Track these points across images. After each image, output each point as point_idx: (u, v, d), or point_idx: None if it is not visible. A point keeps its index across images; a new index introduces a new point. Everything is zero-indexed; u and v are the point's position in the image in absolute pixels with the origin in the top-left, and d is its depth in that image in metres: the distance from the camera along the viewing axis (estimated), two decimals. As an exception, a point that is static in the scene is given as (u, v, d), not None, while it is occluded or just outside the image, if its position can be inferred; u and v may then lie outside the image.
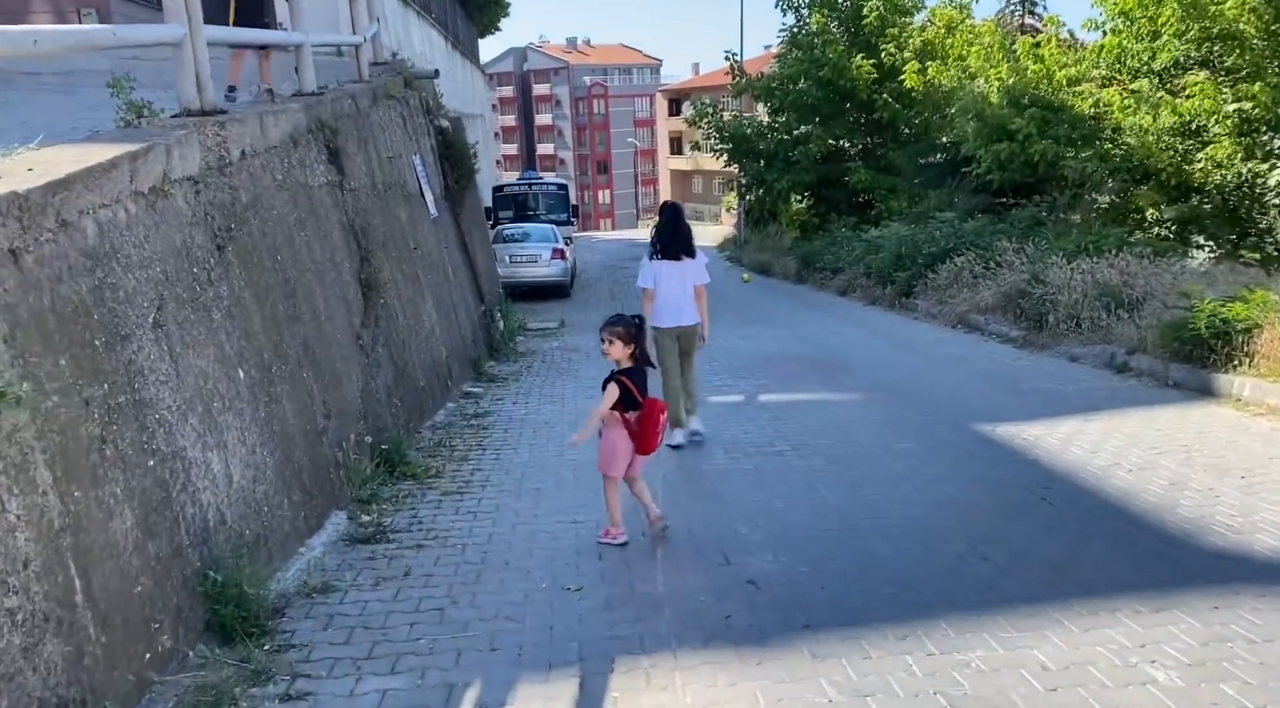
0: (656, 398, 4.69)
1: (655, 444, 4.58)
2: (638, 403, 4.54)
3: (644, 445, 4.55)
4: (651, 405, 4.56)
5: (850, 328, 12.60)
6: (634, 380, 4.56)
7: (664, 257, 6.51)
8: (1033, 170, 14.82)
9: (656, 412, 4.55)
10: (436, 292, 9.41)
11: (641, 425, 4.53)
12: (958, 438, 6.45)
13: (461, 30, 27.12)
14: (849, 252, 17.46)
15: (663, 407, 4.65)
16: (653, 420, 4.52)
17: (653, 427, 4.52)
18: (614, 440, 4.55)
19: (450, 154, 11.61)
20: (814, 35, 22.42)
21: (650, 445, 4.56)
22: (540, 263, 19.14)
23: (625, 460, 4.57)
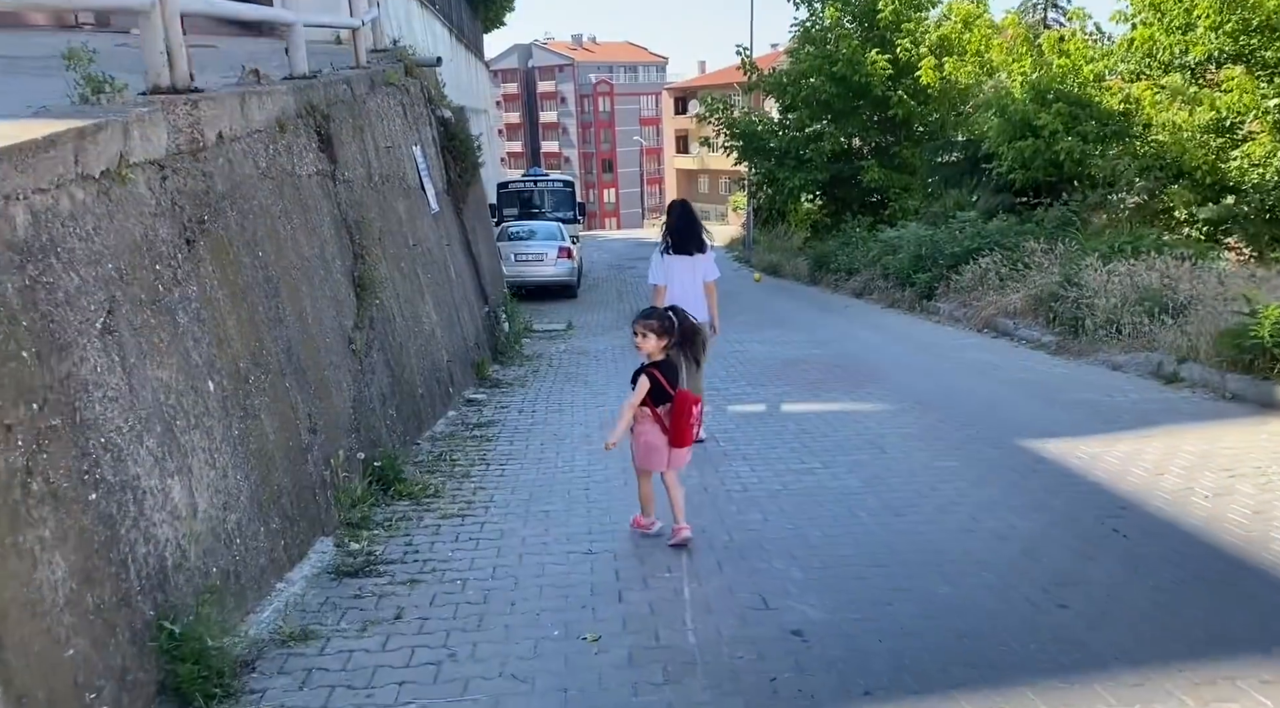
0: (687, 390, 4.57)
1: (689, 437, 4.47)
2: (669, 396, 4.45)
3: (678, 438, 4.45)
4: (683, 397, 4.46)
5: (870, 332, 12.04)
6: (664, 373, 4.47)
7: (676, 252, 6.51)
8: (1057, 169, 14.27)
9: (688, 403, 4.44)
10: (437, 291, 8.87)
11: (673, 418, 4.44)
12: (1005, 456, 5.89)
13: (466, 23, 26.60)
14: (864, 252, 16.90)
15: (695, 399, 4.51)
16: (685, 412, 4.42)
17: (685, 419, 4.42)
18: (649, 436, 4.48)
19: (453, 146, 11.06)
20: (827, 30, 21.86)
21: (684, 438, 4.45)
22: (546, 262, 18.59)
23: (663, 456, 4.49)
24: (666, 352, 4.56)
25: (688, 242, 6.50)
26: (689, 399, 4.47)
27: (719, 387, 8.86)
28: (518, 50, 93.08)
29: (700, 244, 6.53)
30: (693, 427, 4.47)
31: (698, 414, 4.52)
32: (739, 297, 17.70)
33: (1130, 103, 13.09)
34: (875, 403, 7.73)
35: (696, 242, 6.52)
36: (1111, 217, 13.58)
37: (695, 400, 4.50)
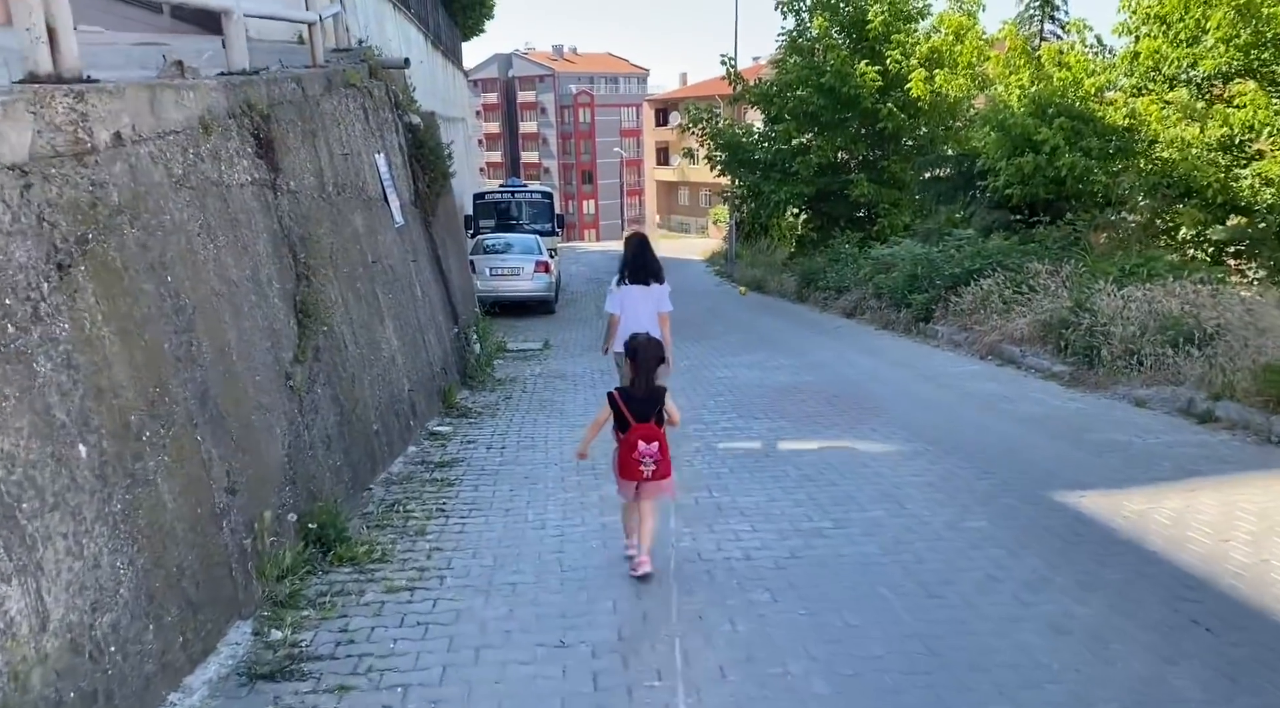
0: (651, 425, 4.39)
1: (634, 471, 4.37)
2: (625, 425, 4.42)
3: (621, 468, 4.46)
4: (633, 430, 4.38)
5: (865, 356, 11.34)
6: (626, 401, 4.44)
7: (632, 281, 6.70)
8: (1058, 186, 13.69)
9: (634, 437, 4.37)
10: (400, 313, 8.06)
11: (620, 449, 4.47)
12: (1040, 514, 5.16)
13: (443, 29, 25.81)
14: (855, 270, 16.24)
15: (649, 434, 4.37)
16: (629, 445, 4.38)
17: (629, 452, 4.38)
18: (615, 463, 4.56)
19: (422, 154, 10.27)
20: (815, 40, 21.28)
21: (627, 470, 4.41)
22: (523, 276, 17.80)
23: (628, 487, 4.47)
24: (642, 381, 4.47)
25: (643, 272, 6.69)
26: (638, 433, 4.36)
27: (708, 419, 8.11)
28: (498, 60, 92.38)
29: (657, 275, 6.72)
30: (638, 462, 4.34)
31: (645, 451, 4.34)
32: (724, 314, 17.00)
33: (1135, 118, 12.52)
34: (882, 442, 7.00)
35: (653, 273, 6.70)
36: (1112, 236, 12.99)
37: (648, 436, 4.35)
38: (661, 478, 4.40)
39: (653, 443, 4.35)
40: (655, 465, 4.35)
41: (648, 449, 4.33)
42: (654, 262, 6.79)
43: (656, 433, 4.38)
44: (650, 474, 4.35)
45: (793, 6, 21.55)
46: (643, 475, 4.35)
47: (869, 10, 20.45)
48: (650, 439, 4.34)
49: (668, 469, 4.44)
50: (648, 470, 4.34)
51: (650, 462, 4.34)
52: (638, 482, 4.37)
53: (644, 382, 4.41)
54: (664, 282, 6.76)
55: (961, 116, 21.07)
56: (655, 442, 4.35)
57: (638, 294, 6.65)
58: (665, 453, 4.41)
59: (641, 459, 4.33)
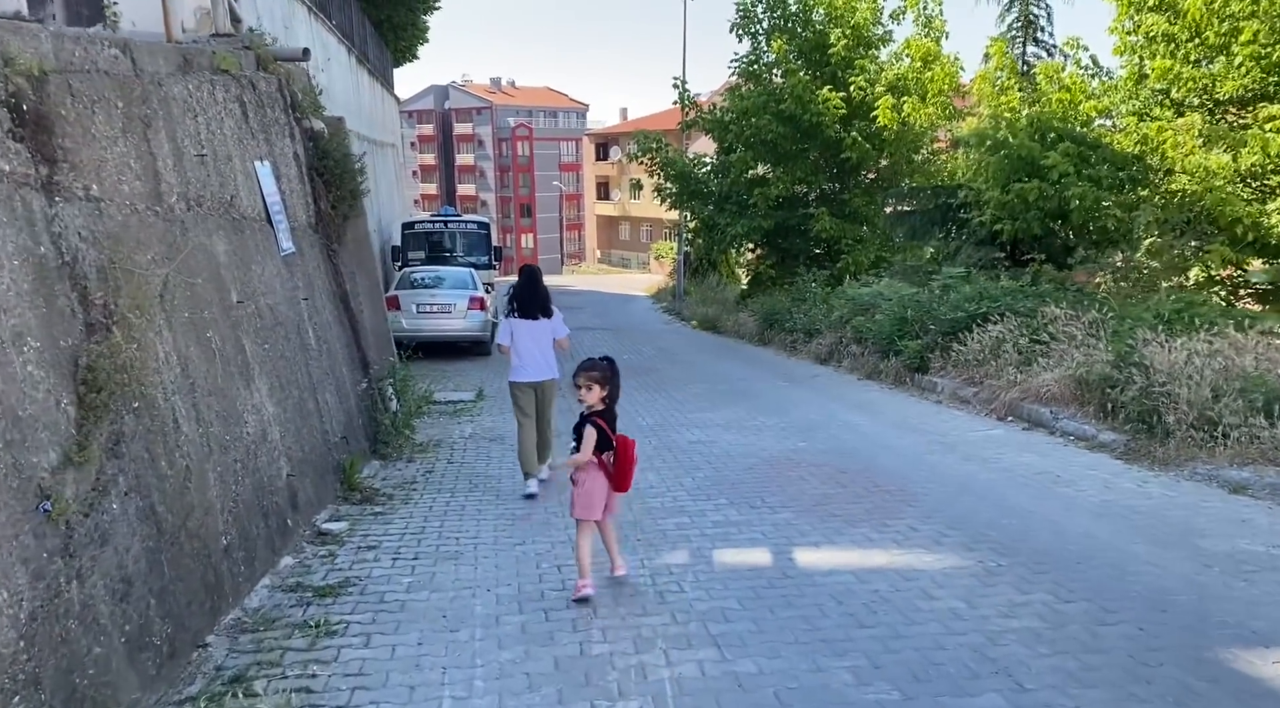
0: (626, 436, 4.68)
1: (627, 483, 4.67)
2: (612, 443, 4.60)
3: (622, 482, 4.65)
4: (624, 442, 4.64)
5: (859, 414, 9.61)
6: (607, 421, 4.63)
7: (521, 316, 6.85)
8: (1055, 219, 12.32)
9: (630, 447, 4.65)
10: (280, 369, 6.04)
11: (617, 464, 4.63)
12: (1233, 700, 3.39)
13: (371, 49, 23.87)
14: (826, 311, 14.64)
15: (633, 443, 4.69)
16: (627, 457, 4.62)
17: (628, 463, 4.63)
18: (592, 484, 4.62)
19: (326, 167, 8.29)
20: (773, 65, 19.88)
21: (626, 482, 4.66)
22: (455, 314, 15.76)
23: (602, 502, 4.63)
24: (604, 401, 4.66)
25: (531, 306, 6.83)
26: (629, 444, 4.64)
27: (690, 509, 6.24)
28: (434, 91, 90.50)
29: (546, 309, 6.87)
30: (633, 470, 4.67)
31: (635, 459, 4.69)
32: (681, 357, 15.19)
33: (1146, 145, 11.20)
34: (933, 550, 5.20)
35: (541, 307, 6.85)
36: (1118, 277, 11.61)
37: (633, 444, 4.68)
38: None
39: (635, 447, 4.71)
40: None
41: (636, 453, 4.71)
42: (542, 296, 6.93)
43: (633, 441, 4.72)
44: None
45: (748, 29, 20.14)
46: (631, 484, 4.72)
47: (830, 34, 19.15)
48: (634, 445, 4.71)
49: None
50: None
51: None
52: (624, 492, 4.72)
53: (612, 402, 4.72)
54: (552, 315, 6.93)
55: (927, 147, 19.91)
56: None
57: (525, 328, 6.84)
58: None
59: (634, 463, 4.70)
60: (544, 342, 6.85)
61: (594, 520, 4.61)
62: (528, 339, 6.81)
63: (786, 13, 19.92)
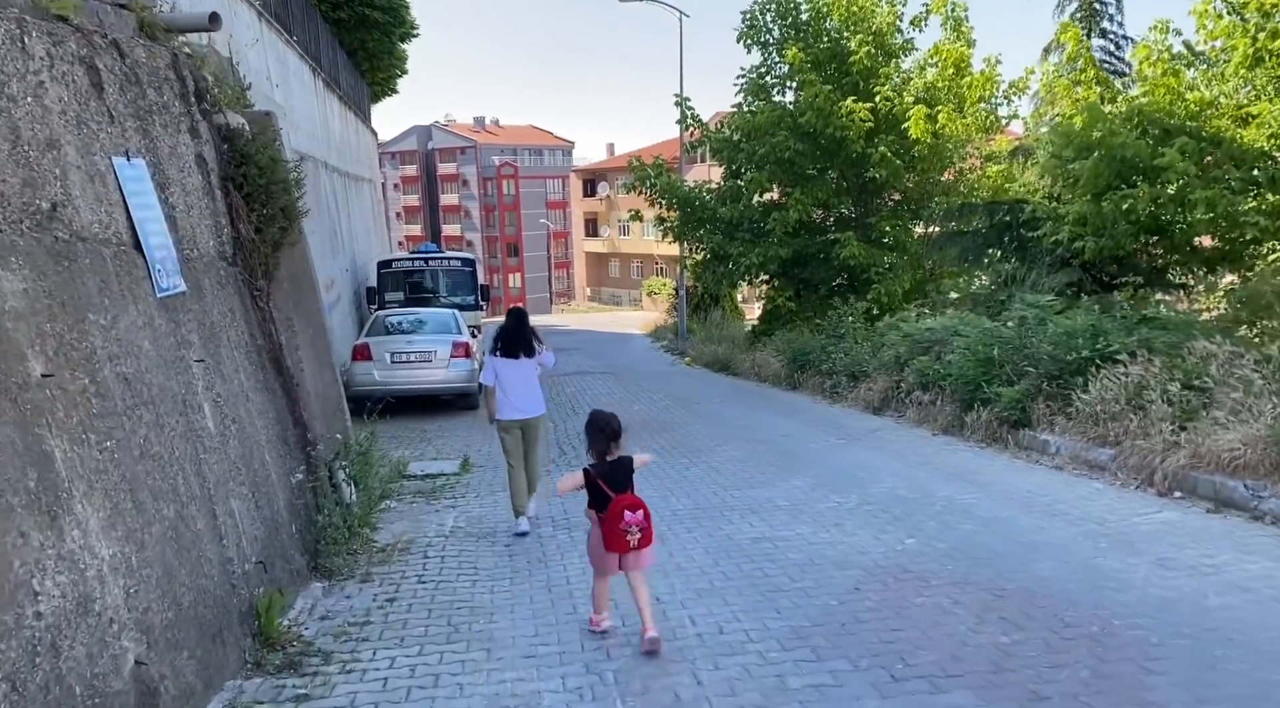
0: (628, 494, 4.45)
1: (621, 544, 4.37)
2: (605, 501, 4.41)
3: (608, 542, 4.43)
4: (615, 503, 4.39)
5: (960, 486, 7.36)
6: (604, 476, 4.47)
7: (504, 355, 6.87)
8: (1153, 232, 10.22)
9: (619, 508, 4.39)
10: (137, 477, 3.75)
11: (603, 523, 4.43)
12: None
13: (344, 77, 21.86)
14: (872, 350, 12.46)
15: (632, 504, 4.41)
16: (615, 516, 4.37)
17: (614, 523, 4.37)
18: (594, 538, 4.55)
19: (248, 177, 6.06)
20: (787, 77, 17.88)
21: (614, 543, 4.39)
22: (435, 363, 13.48)
23: (611, 560, 4.46)
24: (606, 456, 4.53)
25: (515, 346, 6.87)
26: (623, 504, 4.39)
27: (786, 672, 3.96)
28: (416, 132, 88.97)
29: (529, 349, 6.92)
30: (624, 532, 4.34)
31: (631, 520, 4.35)
32: (701, 407, 12.89)
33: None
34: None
35: (524, 346, 6.90)
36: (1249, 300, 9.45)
37: (632, 505, 4.40)
38: (646, 546, 4.42)
39: (638, 511, 4.39)
40: (641, 533, 4.37)
41: (634, 518, 4.36)
42: (526, 337, 6.96)
43: (639, 502, 4.44)
44: (636, 544, 4.37)
45: (757, 39, 18.18)
46: (629, 546, 4.36)
47: (851, 41, 17.19)
48: (635, 508, 4.39)
49: (650, 536, 4.45)
50: (634, 540, 4.36)
51: (636, 531, 4.36)
52: (623, 554, 4.39)
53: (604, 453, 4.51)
54: (535, 354, 6.96)
55: (959, 162, 17.91)
56: (640, 510, 4.40)
57: (508, 367, 6.87)
58: (649, 521, 4.43)
59: (628, 529, 4.35)
60: (530, 379, 6.93)
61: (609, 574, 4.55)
62: (514, 378, 6.86)
63: (797, 21, 18.00)
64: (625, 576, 4.46)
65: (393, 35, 27.07)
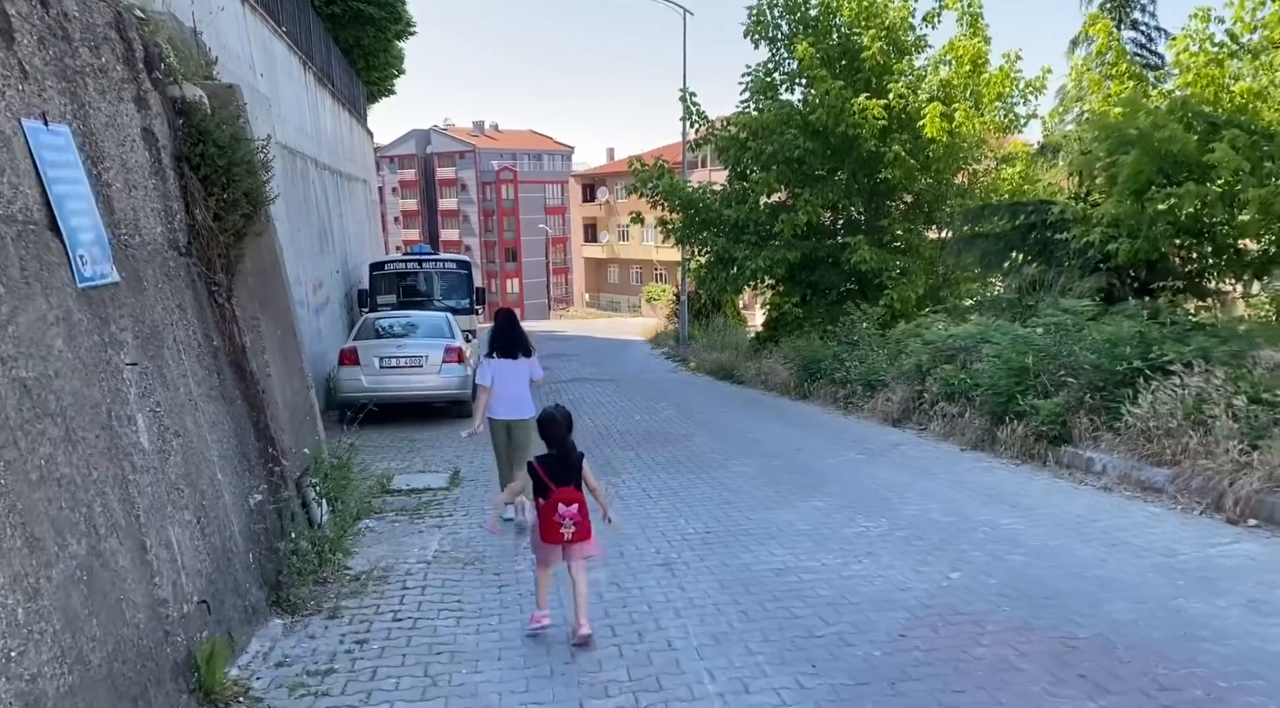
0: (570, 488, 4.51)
1: (554, 535, 4.47)
2: (546, 489, 4.50)
3: (544, 533, 4.51)
4: (554, 494, 4.47)
5: (1000, 509, 6.64)
6: (547, 467, 4.55)
7: (501, 356, 6.99)
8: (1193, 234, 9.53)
9: (555, 500, 4.46)
10: (36, 505, 3.02)
11: (541, 514, 4.52)
12: None
13: (337, 72, 21.16)
14: (889, 358, 11.76)
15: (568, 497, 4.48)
16: (550, 508, 4.46)
17: (549, 514, 4.46)
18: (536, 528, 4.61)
19: (205, 157, 5.34)
20: (797, 74, 17.19)
21: (548, 533, 4.49)
22: (427, 369, 12.74)
23: (549, 549, 4.53)
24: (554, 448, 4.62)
25: (512, 347, 7.02)
26: (559, 496, 4.46)
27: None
28: (415, 136, 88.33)
29: (526, 349, 7.10)
30: (558, 525, 4.43)
31: (565, 513, 4.44)
32: (707, 417, 12.14)
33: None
34: None
35: (521, 347, 7.07)
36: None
37: (567, 498, 4.47)
38: (583, 539, 4.50)
39: (572, 505, 4.47)
40: (575, 527, 4.46)
41: (568, 511, 4.45)
42: (521, 337, 7.15)
43: (576, 496, 4.51)
44: (571, 536, 4.45)
45: (766, 34, 17.48)
46: (563, 538, 4.45)
47: (864, 36, 16.50)
48: (570, 501, 4.47)
49: (588, 531, 4.51)
50: (568, 533, 4.45)
51: (570, 523, 4.44)
52: (560, 545, 4.47)
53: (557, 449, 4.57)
54: (531, 354, 7.15)
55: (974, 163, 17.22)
56: (575, 504, 4.48)
57: (507, 368, 6.97)
58: (585, 515, 4.51)
59: (562, 521, 4.43)
60: (522, 380, 7.05)
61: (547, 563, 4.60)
62: (509, 379, 6.97)
63: (806, 17, 17.32)
64: (566, 566, 4.56)
65: (388, 32, 26.40)
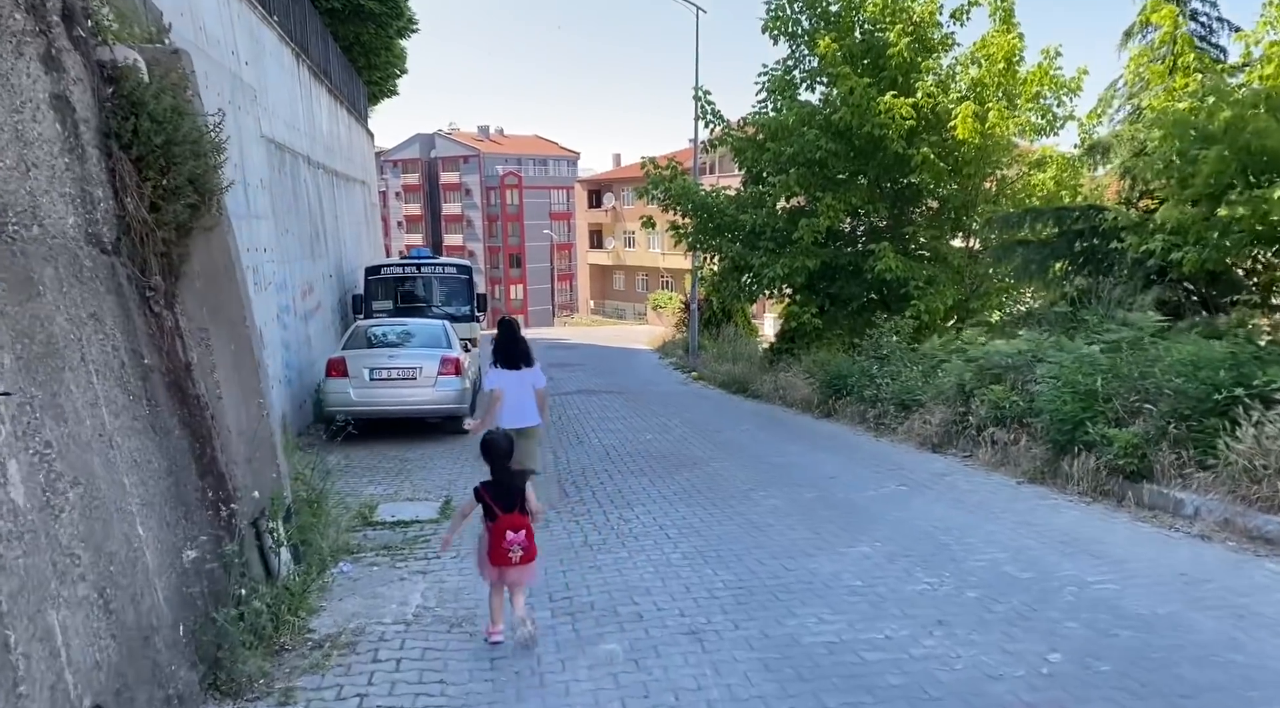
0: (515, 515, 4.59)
1: (501, 558, 4.56)
2: (494, 515, 4.60)
3: (492, 556, 4.60)
4: (500, 520, 4.55)
5: (1085, 562, 5.63)
6: (491, 492, 4.63)
7: (505, 366, 7.26)
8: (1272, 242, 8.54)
9: (501, 527, 4.55)
10: None
11: (490, 539, 4.61)
12: None
13: (335, 69, 20.26)
14: (923, 375, 10.77)
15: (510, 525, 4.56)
16: (498, 534, 4.56)
17: (498, 540, 4.56)
18: (483, 548, 4.68)
19: (141, 133, 4.38)
20: (819, 71, 16.22)
21: (495, 556, 4.59)
22: (421, 381, 11.76)
23: (493, 568, 4.62)
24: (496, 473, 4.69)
25: (515, 358, 7.28)
26: (505, 524, 4.55)
27: None
28: (419, 140, 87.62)
29: (528, 359, 7.33)
30: (507, 550, 4.54)
31: (513, 540, 4.54)
32: (725, 437, 11.09)
33: None
34: None
35: (523, 357, 7.31)
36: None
37: (514, 525, 4.55)
38: (527, 563, 4.62)
39: (520, 531, 4.57)
40: (523, 551, 4.58)
41: (515, 538, 4.55)
42: (523, 347, 7.37)
43: (523, 522, 4.60)
44: (518, 560, 4.57)
45: (785, 29, 16.51)
46: (511, 561, 4.56)
47: (889, 33, 15.52)
48: (517, 528, 4.56)
49: (533, 554, 4.65)
50: (515, 557, 4.57)
51: (518, 549, 4.56)
52: (504, 567, 4.57)
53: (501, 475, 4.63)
54: (534, 364, 7.36)
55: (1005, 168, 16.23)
56: (522, 530, 4.58)
57: (511, 378, 7.21)
58: (531, 539, 4.63)
59: (510, 548, 4.53)
60: (526, 390, 7.21)
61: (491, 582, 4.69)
62: (513, 386, 7.14)
63: (826, 13, 16.36)
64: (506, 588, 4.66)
65: (389, 28, 25.51)
